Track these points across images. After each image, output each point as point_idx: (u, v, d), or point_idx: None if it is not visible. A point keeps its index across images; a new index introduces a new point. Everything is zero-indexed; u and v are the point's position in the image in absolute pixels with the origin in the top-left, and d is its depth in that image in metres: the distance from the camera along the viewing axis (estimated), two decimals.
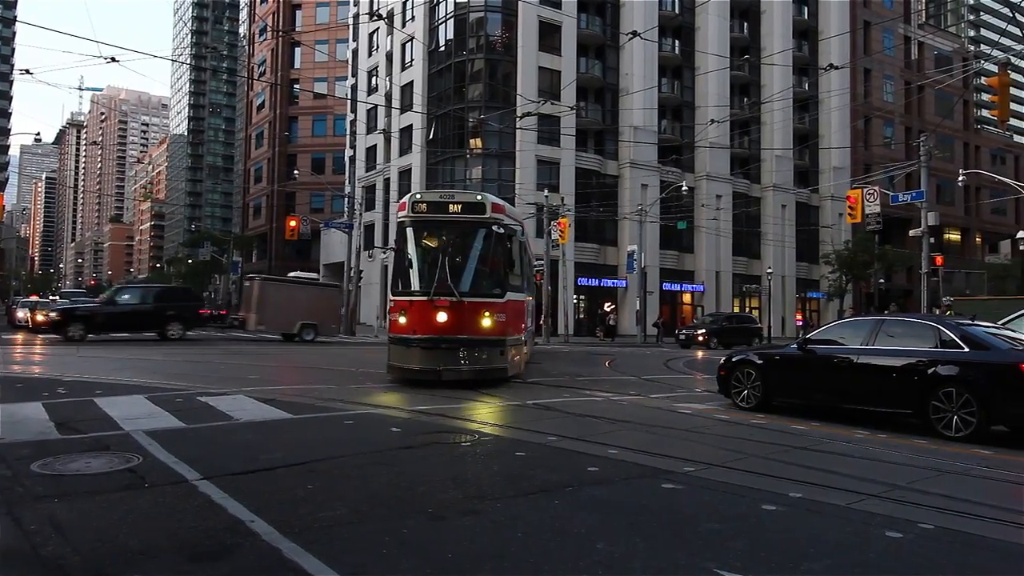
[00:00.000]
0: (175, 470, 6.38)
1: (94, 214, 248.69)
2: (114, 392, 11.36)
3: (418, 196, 14.27)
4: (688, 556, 4.57)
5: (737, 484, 6.54)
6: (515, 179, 47.28)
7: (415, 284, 13.64)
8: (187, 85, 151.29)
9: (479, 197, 14.27)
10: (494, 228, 13.79)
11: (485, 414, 10.49)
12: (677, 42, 55.94)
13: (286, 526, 4.83)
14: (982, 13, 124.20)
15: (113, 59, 20.89)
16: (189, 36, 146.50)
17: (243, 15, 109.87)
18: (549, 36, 50.16)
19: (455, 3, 50.46)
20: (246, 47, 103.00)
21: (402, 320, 13.31)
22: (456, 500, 5.73)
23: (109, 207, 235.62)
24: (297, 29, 79.48)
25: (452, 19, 50.96)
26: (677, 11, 55.73)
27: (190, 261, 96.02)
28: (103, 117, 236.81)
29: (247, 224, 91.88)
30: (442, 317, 12.94)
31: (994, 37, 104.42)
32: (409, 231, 13.94)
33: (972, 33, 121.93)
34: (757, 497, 6.07)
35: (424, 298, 13.11)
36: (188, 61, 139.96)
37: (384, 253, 55.67)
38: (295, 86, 78.56)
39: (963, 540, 5.14)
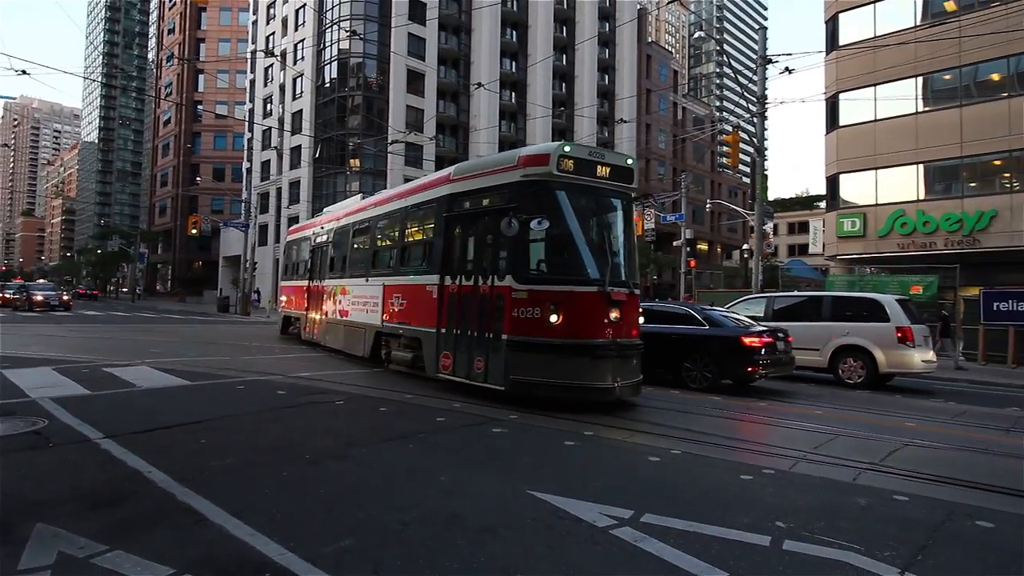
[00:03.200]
0: (79, 431, 5.72)
1: (6, 208, 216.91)
2: (21, 365, 9.92)
3: (567, 149, 8.01)
4: (509, 482, 4.68)
5: (546, 427, 6.75)
6: None
7: (572, 269, 7.99)
8: (98, 100, 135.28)
9: (629, 161, 8.63)
10: (634, 204, 9.04)
11: (354, 377, 10.09)
12: (514, 94, 56.81)
13: (181, 475, 4.48)
14: (724, 90, 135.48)
15: (24, 72, 18.33)
16: (100, 58, 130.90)
17: (152, 43, 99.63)
18: (415, 81, 49.42)
19: (338, 49, 48.46)
20: (154, 70, 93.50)
21: (553, 319, 7.60)
22: (329, 448, 5.53)
23: (21, 202, 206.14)
24: (201, 59, 73.30)
25: (336, 62, 48.93)
26: (514, 70, 56.57)
27: (99, 252, 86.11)
28: (16, 123, 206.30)
29: (153, 221, 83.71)
30: (615, 315, 7.83)
31: (731, 107, 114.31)
32: (548, 195, 7.94)
33: (718, 103, 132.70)
34: (561, 436, 6.30)
35: (594, 289, 7.73)
36: (99, 79, 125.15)
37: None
38: (199, 106, 72.39)
39: (701, 461, 5.61)
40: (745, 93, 21.29)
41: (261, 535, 3.49)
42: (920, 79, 26.60)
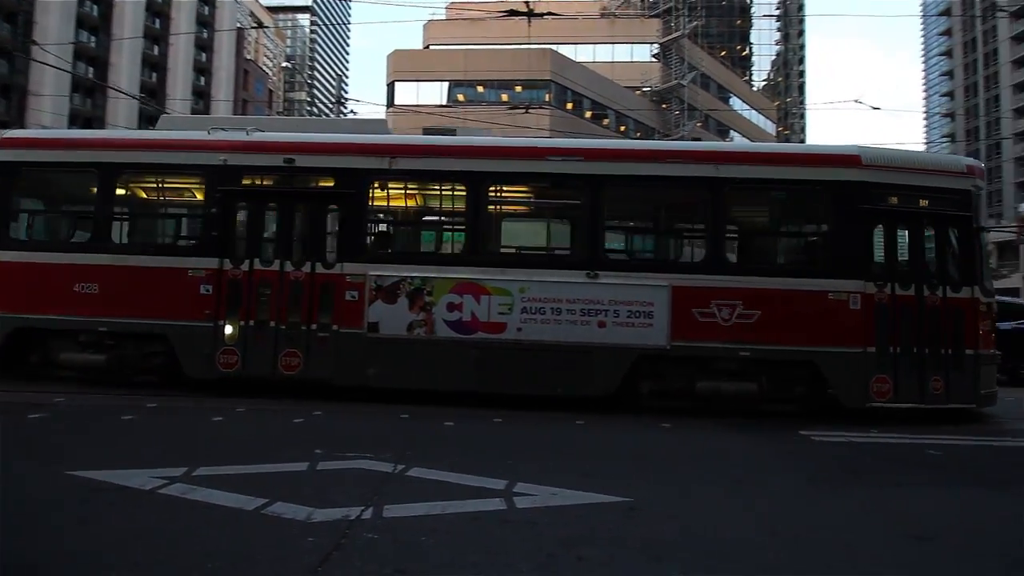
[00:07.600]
0: None
1: None
2: None
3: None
4: (44, 468, 3.51)
5: (101, 405, 5.44)
6: None
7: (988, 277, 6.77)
8: None
9: None
10: None
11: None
12: (92, 69, 42.52)
13: None
14: (315, 115, 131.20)
15: None
16: None
17: None
18: None
19: None
20: None
21: (992, 331, 6.48)
22: None
23: None
24: None
25: None
26: (93, 44, 42.37)
27: None
28: None
29: None
30: None
31: None
32: (981, 209, 6.57)
33: None
34: (119, 412, 5.10)
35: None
36: None
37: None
38: None
39: (261, 413, 5.31)
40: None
41: None
42: None
